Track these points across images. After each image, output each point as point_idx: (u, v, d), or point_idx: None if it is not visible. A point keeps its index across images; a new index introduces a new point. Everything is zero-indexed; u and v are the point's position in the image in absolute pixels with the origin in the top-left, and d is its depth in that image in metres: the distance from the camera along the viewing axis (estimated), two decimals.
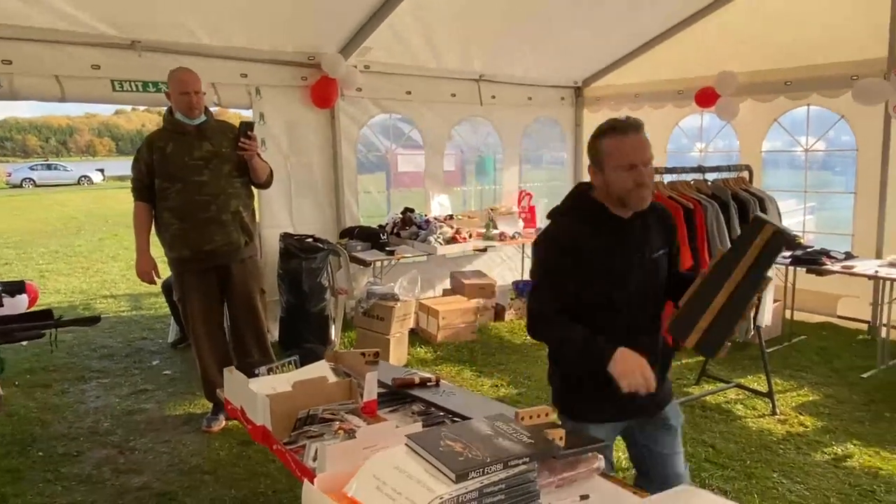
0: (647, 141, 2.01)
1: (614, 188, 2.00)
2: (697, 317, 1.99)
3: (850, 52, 5.29)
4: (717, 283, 1.98)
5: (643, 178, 1.96)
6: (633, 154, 1.95)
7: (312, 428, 2.01)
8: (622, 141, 1.97)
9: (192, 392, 4.51)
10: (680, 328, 2.01)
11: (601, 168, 2.02)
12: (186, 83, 3.54)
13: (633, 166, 1.95)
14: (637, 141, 1.97)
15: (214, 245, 3.66)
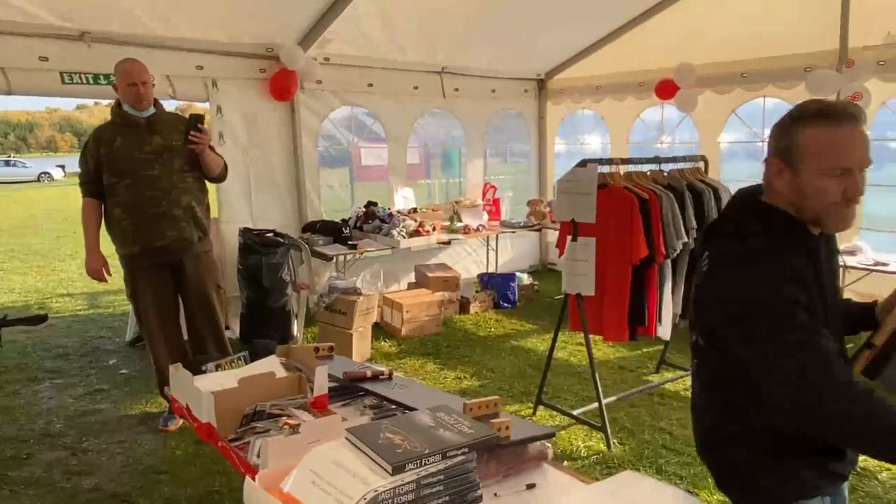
0: (868, 137, 1.44)
1: (813, 200, 1.44)
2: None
3: (803, 45, 5.39)
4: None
5: (858, 189, 1.41)
6: (848, 155, 1.40)
7: (259, 424, 1.97)
8: (835, 134, 1.41)
9: (149, 391, 4.42)
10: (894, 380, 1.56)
11: (795, 168, 1.45)
12: (133, 74, 3.44)
13: (848, 172, 1.41)
14: (855, 138, 1.41)
15: (167, 241, 3.58)
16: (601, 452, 3.56)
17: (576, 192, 3.60)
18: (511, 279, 6.77)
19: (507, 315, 6.34)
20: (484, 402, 1.86)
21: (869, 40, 5.03)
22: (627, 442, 3.69)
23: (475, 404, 1.83)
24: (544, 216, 7.14)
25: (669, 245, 3.76)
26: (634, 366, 4.89)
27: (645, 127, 7.07)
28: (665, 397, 4.26)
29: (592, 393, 3.81)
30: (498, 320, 6.18)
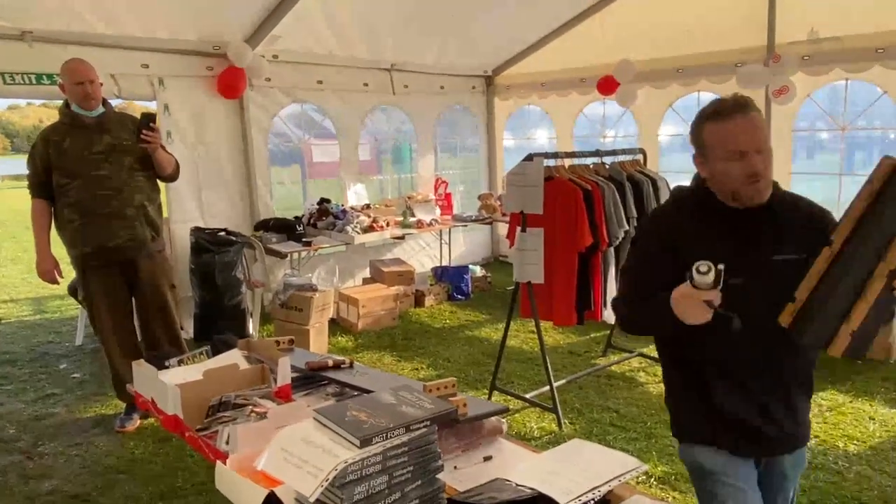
0: (761, 123, 1.67)
1: (724, 181, 1.68)
2: (843, 314, 1.52)
3: (733, 41, 5.68)
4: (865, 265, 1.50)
5: (755, 168, 1.62)
6: (740, 140, 1.63)
7: (225, 414, 2.04)
8: (728, 127, 1.64)
9: (103, 393, 4.38)
10: (818, 333, 1.55)
11: (707, 158, 1.71)
12: (79, 72, 3.42)
13: (744, 154, 1.62)
14: (747, 125, 1.63)
15: (119, 241, 3.57)
16: (553, 432, 3.74)
17: (524, 185, 3.75)
18: (464, 272, 6.92)
19: (461, 307, 6.48)
20: (441, 383, 1.98)
21: (794, 36, 5.35)
22: (577, 422, 3.87)
23: (433, 385, 1.95)
24: (495, 210, 7.31)
25: (612, 233, 3.95)
26: (583, 350, 5.10)
27: (588, 121, 7.30)
28: (612, 378, 4.48)
29: (544, 377, 3.98)
30: (452, 312, 6.31)
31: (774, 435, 1.76)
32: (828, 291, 1.52)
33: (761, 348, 1.70)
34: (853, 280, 1.51)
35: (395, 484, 1.42)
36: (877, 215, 1.49)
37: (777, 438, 1.77)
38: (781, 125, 5.74)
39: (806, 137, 6.53)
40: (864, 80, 5.28)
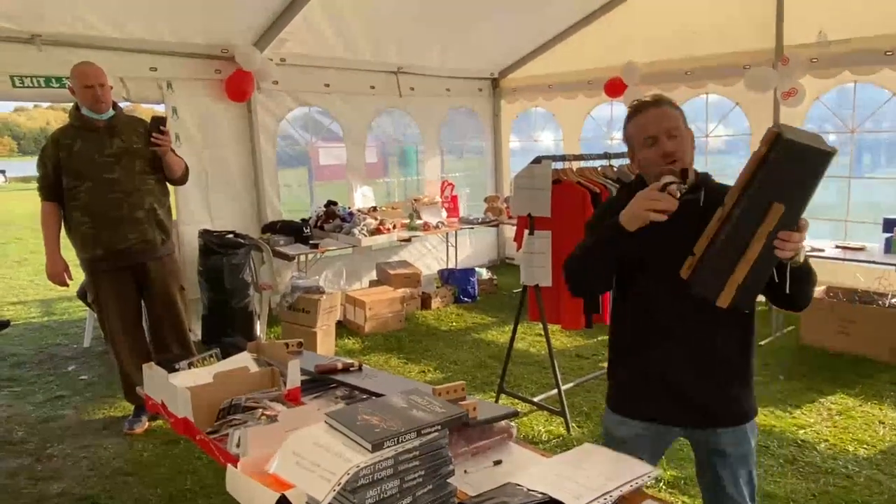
0: (670, 113, 1.83)
1: (648, 166, 1.85)
2: (729, 269, 1.65)
3: (741, 43, 5.68)
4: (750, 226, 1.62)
5: (667, 148, 1.79)
6: (652, 126, 1.82)
7: (236, 417, 2.04)
8: (640, 119, 1.85)
9: (111, 395, 4.40)
10: (708, 285, 1.68)
11: (634, 151, 1.92)
12: (89, 76, 3.44)
13: (655, 139, 1.81)
14: (656, 114, 1.82)
15: (129, 243, 3.58)
16: (561, 436, 3.73)
17: (531, 188, 3.74)
18: (471, 274, 6.92)
19: (468, 309, 6.48)
20: (451, 386, 1.98)
21: (802, 39, 5.34)
22: (585, 425, 3.86)
23: (443, 389, 1.94)
24: (501, 212, 7.30)
25: None
26: (590, 353, 5.09)
27: (595, 124, 7.30)
28: None
29: (551, 380, 3.97)
30: (459, 314, 6.31)
31: (695, 407, 1.89)
32: (717, 249, 1.65)
33: (688, 323, 1.85)
34: (738, 239, 1.63)
35: (406, 488, 1.42)
36: (759, 181, 1.59)
37: (699, 411, 1.89)
38: None
39: None
40: (872, 83, 5.26)
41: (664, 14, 6.06)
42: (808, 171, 1.59)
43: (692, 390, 1.88)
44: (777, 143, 1.55)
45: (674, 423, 1.95)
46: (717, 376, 1.88)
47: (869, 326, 4.63)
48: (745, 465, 1.96)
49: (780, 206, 1.59)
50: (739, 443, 1.93)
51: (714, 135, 6.48)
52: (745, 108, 6.03)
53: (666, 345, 1.88)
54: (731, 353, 1.89)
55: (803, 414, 3.89)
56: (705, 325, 1.84)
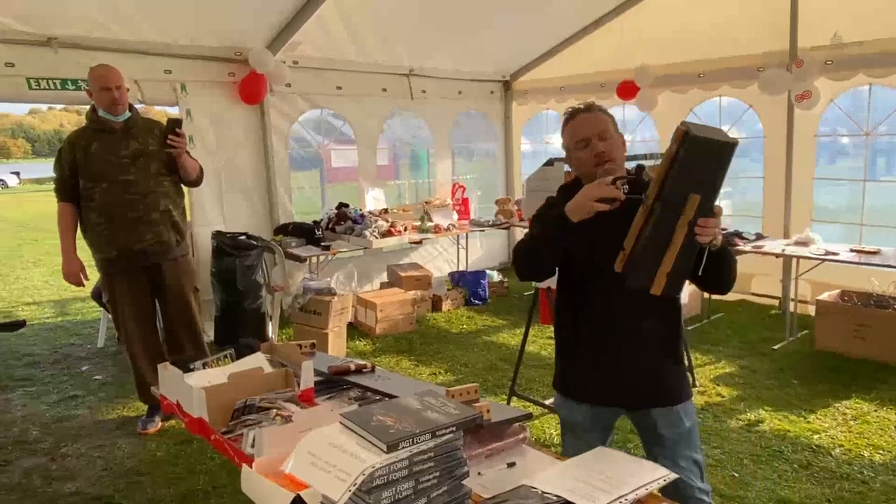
0: (600, 117, 2.00)
1: (581, 169, 2.03)
2: (657, 260, 1.78)
3: (755, 46, 5.64)
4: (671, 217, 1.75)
5: (598, 149, 1.95)
6: (582, 130, 1.98)
7: (250, 417, 2.05)
8: (573, 125, 2.03)
9: (125, 395, 4.43)
10: (640, 276, 1.81)
11: (569, 153, 2.07)
12: (106, 78, 3.48)
13: (586, 141, 1.97)
14: (586, 119, 2.00)
15: (144, 244, 3.62)
16: None
17: (544, 191, 3.73)
18: (481, 276, 6.91)
19: (479, 311, 6.47)
20: (464, 388, 1.98)
21: (816, 40, 5.30)
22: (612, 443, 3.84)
23: (456, 391, 1.95)
24: (512, 214, 7.30)
25: None
26: None
27: None
28: None
29: None
30: (470, 317, 6.31)
31: (630, 388, 2.05)
32: (644, 242, 1.77)
33: (619, 311, 2.01)
34: (662, 231, 1.75)
35: (420, 489, 1.42)
36: (674, 175, 1.71)
37: (635, 392, 2.05)
38: (804, 130, 5.69)
39: (828, 143, 6.45)
40: (887, 86, 5.21)
41: (677, 16, 6.04)
42: (715, 162, 1.73)
43: (626, 372, 2.04)
44: (685, 139, 1.68)
45: (614, 404, 2.12)
46: (648, 358, 2.04)
47: (884, 331, 4.58)
48: (685, 447, 2.08)
49: (697, 197, 1.72)
50: (674, 425, 2.07)
51: None
52: (758, 110, 6.00)
53: (600, 331, 2.04)
54: (659, 336, 2.05)
55: (818, 419, 3.86)
56: (635, 311, 1.99)
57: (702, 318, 5.81)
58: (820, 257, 4.89)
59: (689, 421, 2.09)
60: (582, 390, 2.14)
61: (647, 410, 2.08)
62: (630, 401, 2.10)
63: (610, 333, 2.03)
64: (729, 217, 6.56)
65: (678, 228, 1.75)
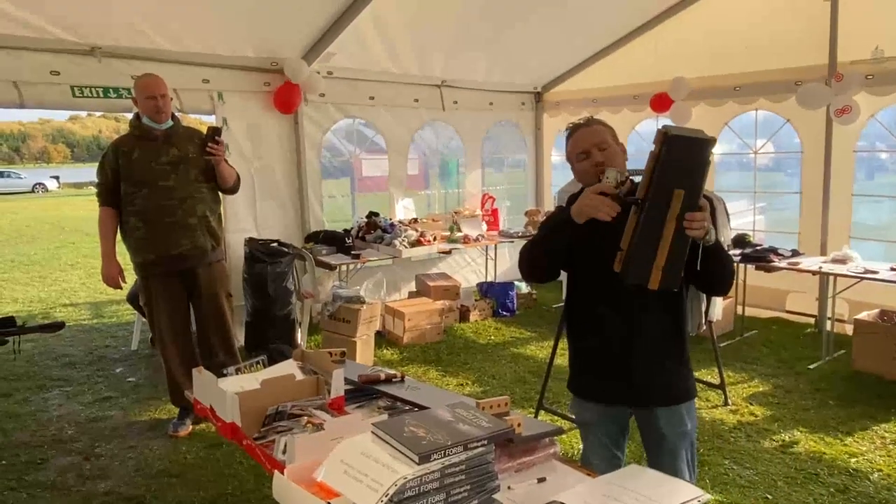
0: (598, 130, 2.14)
1: (583, 179, 2.15)
2: (651, 256, 1.90)
3: (793, 59, 5.56)
4: (660, 213, 1.86)
5: (597, 159, 2.08)
6: (582, 143, 2.13)
7: (281, 423, 2.07)
8: (575, 138, 2.17)
9: (157, 398, 4.51)
10: (637, 272, 1.91)
11: (572, 164, 2.20)
12: (152, 87, 3.58)
13: (587, 152, 2.11)
14: (586, 132, 2.14)
15: (181, 249, 3.69)
16: None
17: None
18: (510, 288, 6.89)
19: (507, 323, 6.45)
20: (495, 401, 1.97)
21: (857, 55, 5.20)
22: (628, 445, 3.78)
23: (486, 403, 1.93)
24: None
25: None
26: None
27: (640, 139, 7.21)
28: None
29: None
30: (497, 328, 6.29)
31: (635, 387, 2.12)
32: (638, 239, 1.88)
33: (624, 312, 2.10)
34: (653, 227, 1.86)
35: (452, 502, 1.42)
36: (658, 174, 1.84)
37: (639, 390, 2.13)
38: (843, 145, 5.59)
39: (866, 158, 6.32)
40: None
41: (713, 29, 5.98)
42: (696, 159, 1.87)
43: (631, 371, 2.12)
44: (666, 139, 1.83)
45: (621, 403, 2.21)
46: (652, 357, 2.12)
47: None
48: (684, 448, 2.19)
49: (681, 192, 1.85)
50: (676, 424, 2.16)
51: (762, 151, 6.35)
52: (795, 124, 5.90)
53: (606, 331, 2.13)
54: (662, 335, 2.14)
55: (855, 441, 3.75)
56: (637, 311, 2.10)
57: (734, 335, 5.70)
58: (859, 275, 4.77)
59: (691, 422, 2.19)
60: (591, 389, 2.24)
61: (653, 409, 2.16)
62: (636, 399, 2.17)
63: (615, 333, 2.12)
64: (763, 233, 6.44)
65: (667, 223, 1.86)
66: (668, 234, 1.88)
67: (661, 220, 1.87)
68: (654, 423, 2.17)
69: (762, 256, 5.27)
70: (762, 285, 5.90)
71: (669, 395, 2.16)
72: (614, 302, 2.11)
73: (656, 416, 2.16)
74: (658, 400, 2.16)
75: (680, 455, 2.18)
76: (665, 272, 1.90)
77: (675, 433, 2.16)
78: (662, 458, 2.20)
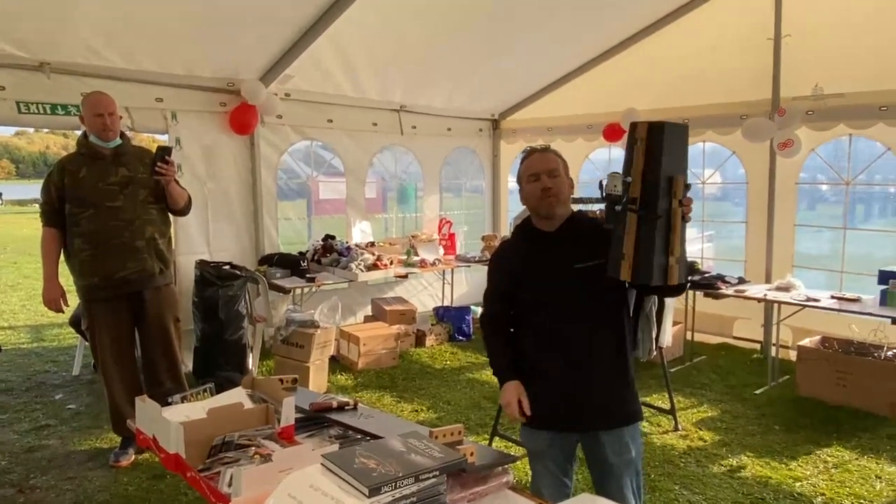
0: (552, 158, 2.25)
1: (528, 200, 2.26)
2: (619, 249, 1.94)
3: (739, 94, 5.79)
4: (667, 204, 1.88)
5: (545, 184, 2.18)
6: (535, 166, 2.23)
7: (228, 454, 2.01)
8: (529, 161, 2.28)
9: (98, 426, 4.33)
10: (613, 268, 1.98)
11: (521, 186, 2.29)
12: (100, 104, 3.49)
13: (537, 176, 2.21)
14: (539, 157, 2.25)
15: (127, 272, 3.57)
16: None
17: None
18: (466, 312, 6.90)
19: (463, 348, 6.44)
20: (448, 429, 1.95)
21: (799, 91, 5.45)
22: (581, 472, 3.79)
23: (440, 432, 1.92)
24: None
25: None
26: None
27: (594, 167, 7.37)
28: None
29: None
30: (453, 353, 6.27)
31: (579, 412, 2.19)
32: (648, 237, 1.87)
33: (567, 339, 2.18)
34: (662, 220, 1.85)
35: None
36: (654, 165, 1.85)
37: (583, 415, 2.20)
38: (786, 177, 5.81)
39: (809, 190, 6.59)
40: (867, 137, 5.35)
41: (664, 63, 6.19)
42: (680, 143, 1.90)
43: (575, 397, 2.19)
44: (652, 129, 1.86)
45: (568, 430, 2.26)
46: (596, 380, 2.19)
47: (866, 379, 4.61)
48: (629, 476, 2.23)
49: (682, 177, 1.87)
50: (620, 452, 2.21)
51: (710, 181, 6.56)
52: (741, 156, 6.12)
53: (550, 359, 2.19)
54: (606, 358, 2.21)
55: (800, 466, 3.85)
56: (581, 336, 2.18)
57: (684, 361, 5.82)
58: (801, 303, 4.94)
59: (635, 448, 2.24)
60: (538, 417, 2.24)
61: (597, 435, 2.22)
62: (581, 425, 2.24)
63: (558, 361, 2.18)
64: (712, 260, 6.63)
65: (674, 212, 1.86)
66: (677, 222, 1.87)
67: (666, 210, 1.85)
68: (599, 450, 2.22)
69: (710, 284, 5.42)
70: (710, 312, 6.05)
71: (613, 418, 2.22)
72: (557, 330, 2.19)
73: (601, 444, 2.21)
74: (602, 424, 2.21)
75: (625, 482, 2.23)
76: (681, 263, 1.90)
77: (620, 461, 2.21)
78: (608, 486, 2.24)
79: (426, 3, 5.20)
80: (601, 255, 2.06)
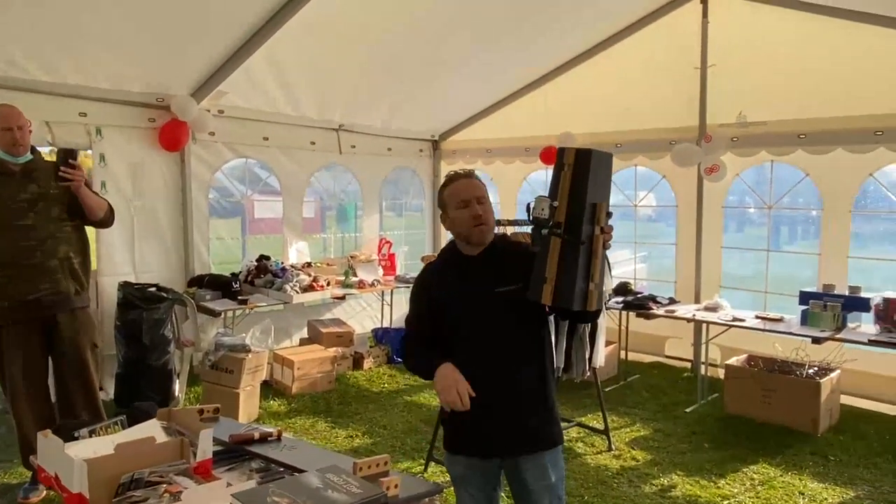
0: (480, 184, 2.26)
1: (457, 226, 2.23)
2: (542, 272, 1.96)
3: (668, 120, 5.99)
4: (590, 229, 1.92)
5: (476, 212, 2.17)
6: (464, 192, 2.21)
7: (136, 493, 1.88)
8: (455, 186, 2.24)
9: (8, 460, 4.04)
10: (534, 290, 1.99)
11: (447, 213, 2.26)
12: (8, 118, 3.28)
13: (466, 203, 2.19)
14: (468, 183, 2.24)
15: (39, 294, 3.36)
16: None
17: None
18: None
19: (401, 370, 6.35)
20: (373, 460, 1.89)
21: (724, 118, 5.68)
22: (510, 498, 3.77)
23: (364, 463, 1.86)
24: None
25: None
26: None
27: (532, 189, 7.47)
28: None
29: None
30: (392, 375, 6.18)
31: (499, 436, 2.17)
32: (571, 262, 1.90)
33: (489, 363, 2.16)
34: (584, 246, 1.89)
35: None
36: (580, 190, 1.91)
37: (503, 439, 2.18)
38: (713, 201, 6.02)
39: (736, 213, 6.83)
40: (788, 163, 5.60)
41: (597, 90, 6.36)
42: (605, 171, 1.96)
43: (494, 421, 2.16)
44: (579, 156, 1.92)
45: (488, 455, 2.23)
46: (516, 405, 2.19)
47: (789, 396, 4.77)
48: (550, 499, 2.22)
49: (604, 203, 1.92)
50: (540, 477, 2.20)
51: (643, 204, 6.74)
52: (670, 180, 6.32)
53: (471, 382, 2.09)
54: (527, 382, 2.21)
55: (727, 484, 3.93)
56: (502, 360, 2.18)
57: (618, 380, 5.90)
58: (727, 323, 5.10)
59: (556, 474, 2.23)
60: (458, 443, 2.27)
61: (516, 460, 2.20)
62: (501, 450, 2.22)
63: (478, 385, 2.10)
64: (645, 281, 6.78)
65: (596, 238, 1.91)
66: (598, 247, 1.92)
67: (590, 235, 1.90)
68: (519, 475, 2.22)
69: (642, 304, 5.54)
70: (643, 331, 6.18)
71: (533, 443, 2.21)
72: (477, 354, 2.17)
73: (521, 469, 2.20)
74: (521, 449, 2.19)
75: None
76: (599, 288, 1.94)
77: (540, 486, 2.20)
78: None
79: (363, 26, 5.18)
80: (524, 279, 2.08)
